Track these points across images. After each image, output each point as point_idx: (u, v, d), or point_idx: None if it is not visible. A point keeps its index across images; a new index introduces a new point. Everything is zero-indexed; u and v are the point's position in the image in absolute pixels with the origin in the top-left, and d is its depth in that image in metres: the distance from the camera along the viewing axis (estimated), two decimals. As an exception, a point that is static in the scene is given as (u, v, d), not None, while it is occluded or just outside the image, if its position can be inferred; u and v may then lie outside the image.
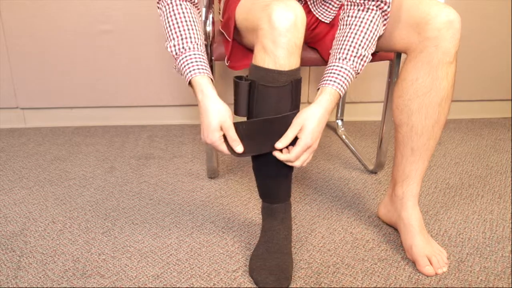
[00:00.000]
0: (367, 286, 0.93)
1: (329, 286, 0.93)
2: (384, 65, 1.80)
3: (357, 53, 0.92)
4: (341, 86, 0.90)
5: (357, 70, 0.93)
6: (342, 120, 1.81)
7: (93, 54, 1.71)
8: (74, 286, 0.93)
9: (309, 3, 1.09)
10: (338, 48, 0.93)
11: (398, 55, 1.25)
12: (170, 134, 1.75)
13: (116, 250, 1.04)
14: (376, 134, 1.77)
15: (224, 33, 1.14)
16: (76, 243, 1.07)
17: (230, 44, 1.07)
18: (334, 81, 0.90)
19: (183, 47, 0.92)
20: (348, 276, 0.96)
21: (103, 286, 0.93)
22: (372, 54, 1.15)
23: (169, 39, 0.93)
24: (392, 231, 1.12)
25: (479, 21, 1.77)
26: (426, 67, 0.92)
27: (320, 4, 1.10)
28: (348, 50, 0.92)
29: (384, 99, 1.34)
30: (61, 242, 1.07)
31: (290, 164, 0.90)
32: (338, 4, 1.10)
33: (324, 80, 0.91)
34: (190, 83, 0.91)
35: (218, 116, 0.87)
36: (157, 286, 0.93)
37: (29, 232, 1.11)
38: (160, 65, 1.75)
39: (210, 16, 1.16)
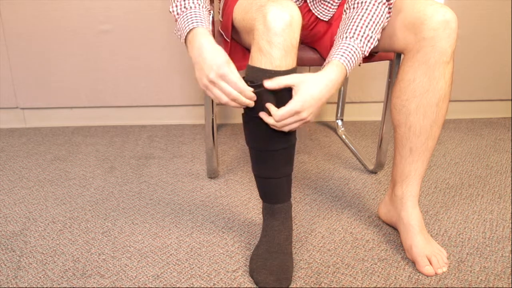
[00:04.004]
0: (367, 286, 0.93)
1: (329, 286, 0.93)
2: (384, 65, 1.81)
3: (364, 33, 0.91)
4: (348, 61, 0.88)
5: (364, 51, 0.91)
6: (342, 120, 1.81)
7: (93, 54, 1.71)
8: (74, 286, 0.93)
9: (308, 1, 1.09)
10: (345, 29, 0.92)
11: (398, 55, 1.25)
12: (170, 134, 1.75)
13: (116, 250, 1.05)
14: (376, 134, 1.77)
15: (223, 33, 1.14)
16: (76, 243, 1.07)
17: (229, 44, 1.07)
18: (342, 55, 0.88)
19: (184, 7, 0.92)
20: (348, 276, 0.97)
21: (103, 286, 0.93)
22: (372, 54, 1.15)
23: (172, 1, 0.93)
24: (392, 231, 1.12)
25: (479, 21, 1.77)
26: (423, 67, 0.92)
27: (320, 2, 1.10)
28: (355, 30, 0.91)
29: (384, 99, 1.34)
30: (61, 242, 1.07)
31: (273, 127, 0.86)
32: (337, 3, 1.10)
33: (330, 56, 0.89)
34: (186, 38, 0.89)
35: (219, 66, 0.82)
36: (157, 286, 0.93)
37: (29, 232, 1.11)
38: (160, 65, 1.75)
39: (210, 16, 1.16)
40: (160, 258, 1.02)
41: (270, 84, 0.83)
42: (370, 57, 1.16)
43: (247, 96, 0.84)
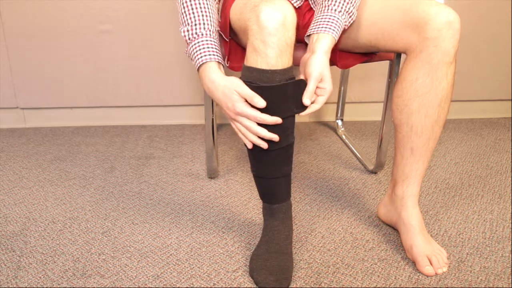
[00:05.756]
0: (367, 286, 0.93)
1: (329, 286, 0.93)
2: (384, 65, 1.81)
3: (348, 9, 0.97)
4: (337, 35, 0.95)
5: (345, 26, 0.97)
6: (342, 120, 1.81)
7: (93, 54, 1.71)
8: (74, 286, 0.93)
9: (310, 1, 1.10)
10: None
11: (398, 55, 1.25)
12: (170, 134, 1.75)
13: (116, 250, 1.05)
14: (376, 134, 1.77)
15: (222, 33, 1.15)
16: (76, 243, 1.07)
17: (228, 44, 1.08)
18: (333, 30, 0.94)
19: (195, 33, 0.94)
20: (348, 276, 0.97)
21: (103, 286, 0.93)
22: (372, 54, 1.15)
23: (183, 24, 0.96)
24: (392, 231, 1.12)
25: (479, 21, 1.77)
26: (426, 67, 0.92)
27: None
28: (343, 4, 0.96)
29: (384, 99, 1.34)
30: (61, 242, 1.07)
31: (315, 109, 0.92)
32: None
33: (323, 27, 0.94)
34: (198, 69, 0.94)
35: (231, 87, 0.86)
36: (157, 286, 0.93)
37: (29, 232, 1.11)
38: (160, 65, 1.75)
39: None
40: (160, 258, 1.02)
41: (309, 100, 0.89)
42: (370, 57, 1.16)
43: (269, 121, 0.86)
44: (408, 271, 0.98)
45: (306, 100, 0.88)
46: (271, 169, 0.95)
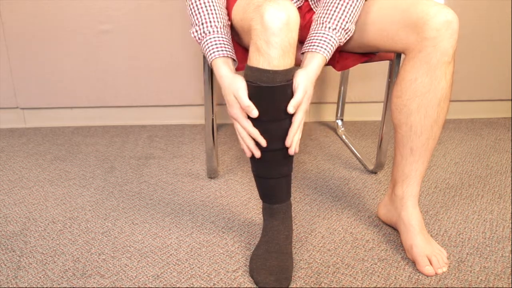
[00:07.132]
0: (367, 286, 0.93)
1: (329, 286, 0.93)
2: (384, 65, 1.81)
3: (345, 26, 0.96)
4: (329, 54, 0.95)
5: (341, 43, 0.98)
6: (342, 120, 1.81)
7: (93, 54, 1.71)
8: (74, 286, 0.93)
9: (310, 1, 1.10)
10: (327, 16, 0.97)
11: (398, 55, 1.25)
12: (170, 134, 1.76)
13: (116, 250, 1.05)
14: (376, 134, 1.77)
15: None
16: (76, 243, 1.07)
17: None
18: (325, 49, 0.94)
19: (203, 32, 0.96)
20: (348, 276, 0.97)
21: (103, 286, 0.93)
22: (372, 54, 1.15)
23: (192, 25, 0.99)
24: (392, 231, 1.12)
25: (479, 21, 1.77)
26: (425, 67, 0.92)
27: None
28: (338, 21, 0.96)
29: (384, 99, 1.34)
30: (61, 242, 1.07)
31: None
32: None
33: (315, 46, 0.94)
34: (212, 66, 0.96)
35: (231, 89, 0.89)
36: (157, 286, 0.93)
37: (29, 232, 1.11)
38: (160, 65, 1.75)
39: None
40: (160, 258, 1.02)
41: (292, 108, 0.88)
42: (370, 57, 1.16)
43: (256, 137, 0.89)
44: (408, 271, 0.98)
45: (290, 107, 0.87)
46: (272, 170, 0.95)
